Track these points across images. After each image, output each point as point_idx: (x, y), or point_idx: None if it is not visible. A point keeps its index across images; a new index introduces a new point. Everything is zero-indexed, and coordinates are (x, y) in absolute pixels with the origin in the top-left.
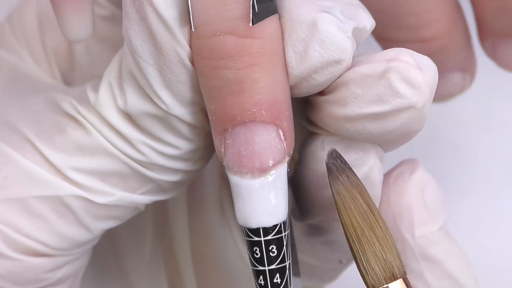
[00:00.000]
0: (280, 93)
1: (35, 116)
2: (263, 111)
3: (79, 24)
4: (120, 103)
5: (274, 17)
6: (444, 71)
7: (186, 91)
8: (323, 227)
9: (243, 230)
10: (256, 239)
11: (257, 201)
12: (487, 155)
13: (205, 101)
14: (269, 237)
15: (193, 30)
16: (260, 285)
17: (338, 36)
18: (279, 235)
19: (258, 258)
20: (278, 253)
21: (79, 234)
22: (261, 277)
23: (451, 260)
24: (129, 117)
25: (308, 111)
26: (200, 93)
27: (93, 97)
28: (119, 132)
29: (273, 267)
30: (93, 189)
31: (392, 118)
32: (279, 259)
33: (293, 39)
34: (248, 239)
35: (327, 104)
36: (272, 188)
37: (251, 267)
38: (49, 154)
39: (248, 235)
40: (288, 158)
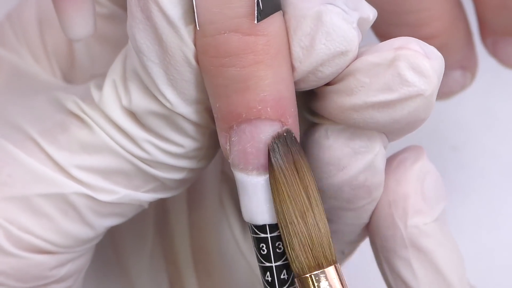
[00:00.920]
0: (285, 90)
1: (39, 114)
2: (268, 108)
3: (80, 22)
4: (125, 101)
5: (278, 14)
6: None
7: (191, 89)
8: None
9: (249, 227)
10: (263, 235)
11: (263, 198)
12: (487, 155)
13: (210, 99)
14: (275, 234)
15: (198, 29)
16: (267, 281)
17: (344, 28)
18: None
19: (265, 254)
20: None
21: (82, 232)
22: (268, 273)
23: (440, 253)
24: (133, 115)
25: (312, 102)
26: (205, 91)
27: (97, 95)
28: (123, 130)
29: (279, 263)
30: (97, 187)
31: (400, 107)
32: (286, 255)
33: (299, 34)
34: (255, 235)
35: (334, 94)
36: None
37: (258, 263)
38: (53, 152)
39: (254, 232)
40: None
